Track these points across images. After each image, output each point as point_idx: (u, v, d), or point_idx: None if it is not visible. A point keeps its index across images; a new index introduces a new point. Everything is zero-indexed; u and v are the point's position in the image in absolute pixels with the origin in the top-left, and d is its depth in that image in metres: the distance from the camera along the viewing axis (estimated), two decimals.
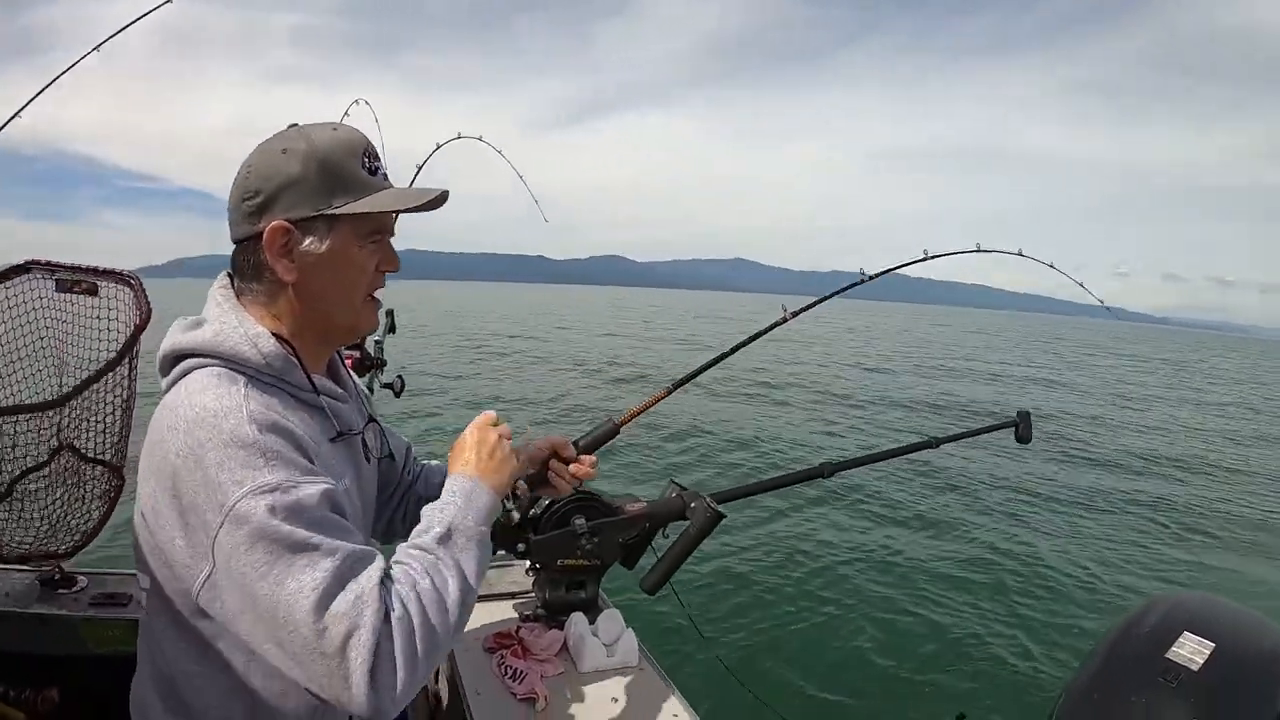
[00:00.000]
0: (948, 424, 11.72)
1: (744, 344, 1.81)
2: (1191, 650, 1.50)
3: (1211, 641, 1.51)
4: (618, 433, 1.44)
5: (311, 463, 0.92)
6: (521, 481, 1.29)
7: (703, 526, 1.66)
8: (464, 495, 1.03)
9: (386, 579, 0.88)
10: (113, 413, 1.69)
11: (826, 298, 1.93)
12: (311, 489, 0.87)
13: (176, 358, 0.97)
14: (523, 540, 1.65)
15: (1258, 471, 10.45)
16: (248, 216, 0.98)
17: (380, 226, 1.03)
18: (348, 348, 2.00)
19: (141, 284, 1.61)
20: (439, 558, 0.94)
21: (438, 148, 2.52)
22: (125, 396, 1.68)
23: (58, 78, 2.06)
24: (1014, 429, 2.29)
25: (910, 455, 2.11)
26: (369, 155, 1.01)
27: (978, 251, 1.99)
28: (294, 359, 1.00)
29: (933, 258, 1.91)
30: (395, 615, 0.84)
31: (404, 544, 0.97)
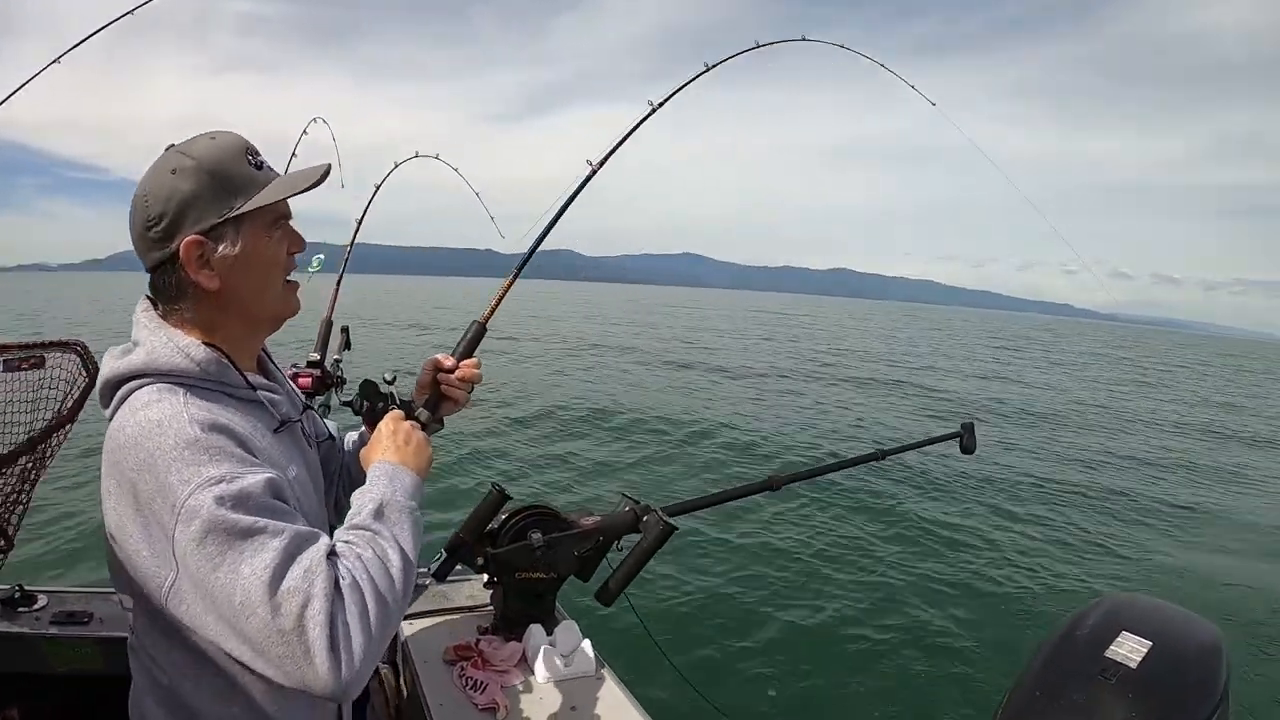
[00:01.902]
0: (894, 430, 11.91)
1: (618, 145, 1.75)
2: (1129, 649, 1.58)
3: (1149, 640, 1.59)
4: (485, 331, 1.45)
5: (255, 456, 0.97)
6: (423, 409, 1.33)
7: (655, 539, 1.73)
8: (388, 477, 1.09)
9: (333, 554, 0.93)
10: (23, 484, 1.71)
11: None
12: (255, 478, 0.91)
13: (115, 385, 1.01)
14: (481, 554, 1.71)
15: (1201, 465, 10.97)
16: (157, 242, 1.01)
17: (281, 213, 1.09)
18: (306, 366, 2.04)
19: (86, 347, 1.63)
20: (376, 531, 1.00)
21: (395, 166, 2.55)
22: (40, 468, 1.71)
23: (22, 86, 2.04)
24: (959, 440, 2.40)
25: (858, 466, 2.21)
26: (250, 153, 1.06)
27: (756, 47, 2.03)
28: (226, 361, 1.04)
29: (714, 66, 1.94)
30: (345, 583, 0.89)
31: (339, 529, 1.03)
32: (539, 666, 1.63)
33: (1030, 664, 1.74)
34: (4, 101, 2.07)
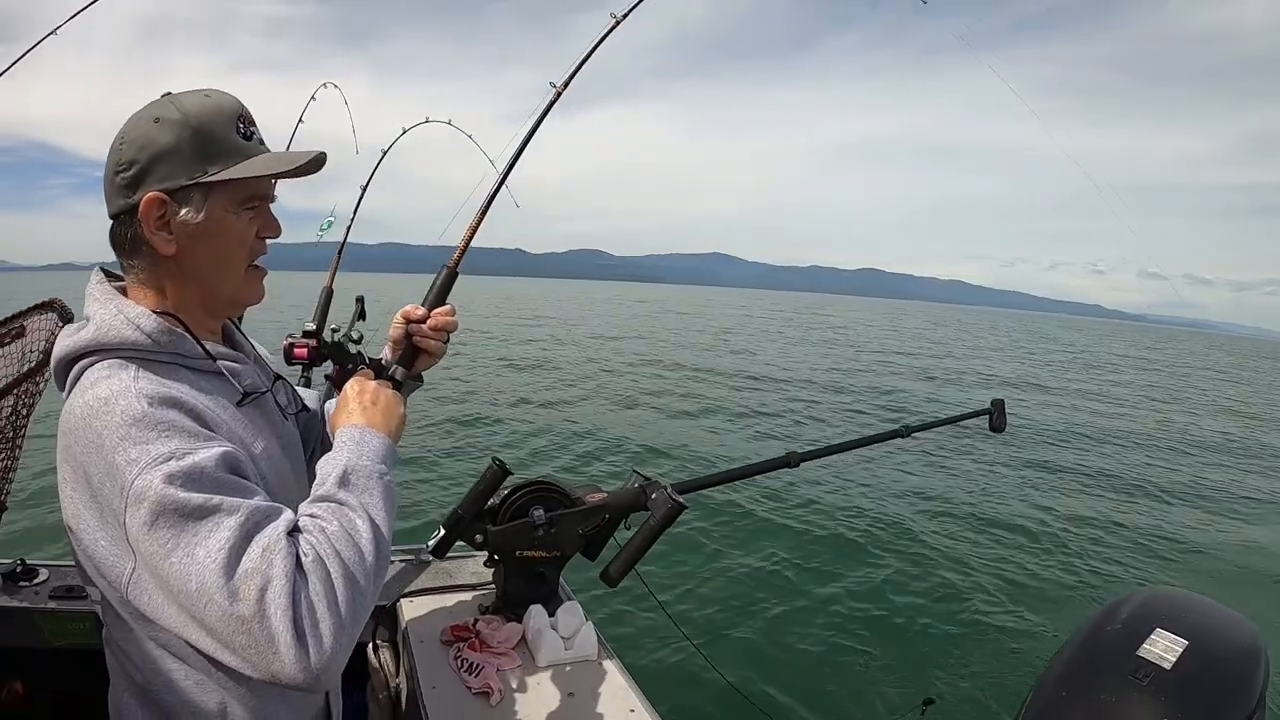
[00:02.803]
0: (920, 413, 11.68)
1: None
2: (1163, 648, 1.48)
3: (1184, 639, 1.50)
4: (456, 276, 1.36)
5: (212, 430, 0.90)
6: (397, 367, 1.25)
7: (663, 518, 1.64)
8: (354, 441, 1.00)
9: (295, 531, 0.86)
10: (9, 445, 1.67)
11: None
12: (208, 452, 0.84)
13: (67, 364, 0.95)
14: (481, 531, 1.64)
15: (1236, 464, 10.44)
16: (122, 189, 0.95)
17: (257, 192, 1.01)
18: (301, 336, 1.97)
19: (63, 303, 1.58)
20: (341, 501, 0.92)
21: (404, 132, 2.46)
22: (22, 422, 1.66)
23: (15, 62, 2.01)
24: (988, 417, 2.26)
25: (881, 444, 2.09)
26: (244, 120, 0.99)
27: None
28: (181, 330, 0.98)
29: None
30: (308, 560, 0.82)
31: (303, 503, 0.94)
32: (538, 649, 1.55)
33: (1056, 659, 1.65)
34: (8, 69, 2.05)
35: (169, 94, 0.98)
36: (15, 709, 1.83)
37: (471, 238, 1.43)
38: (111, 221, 0.98)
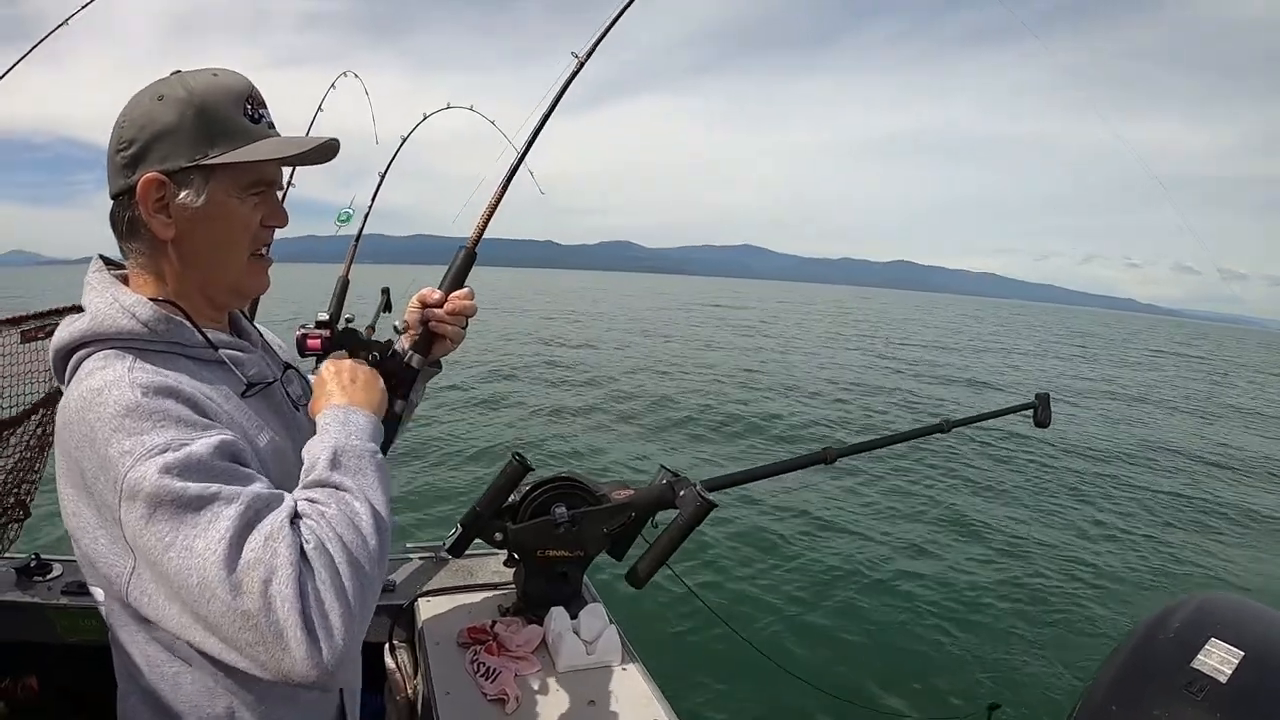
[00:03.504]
0: (959, 407, 11.44)
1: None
2: (1219, 659, 1.40)
3: (1240, 649, 1.42)
4: (474, 257, 1.31)
5: (211, 419, 0.86)
6: (414, 353, 1.21)
7: (692, 516, 1.56)
8: (339, 422, 0.95)
9: (297, 518, 0.81)
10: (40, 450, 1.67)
11: None
12: (204, 441, 0.80)
13: (65, 356, 0.92)
14: (500, 529, 1.57)
15: None
16: (121, 169, 0.91)
17: (263, 178, 0.96)
18: (315, 326, 1.91)
19: None
20: (336, 484, 0.86)
21: (425, 118, 2.40)
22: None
23: (30, 50, 2.00)
24: (1032, 412, 2.15)
25: (920, 439, 1.99)
26: (252, 101, 0.94)
27: None
28: (180, 317, 0.94)
29: None
30: (310, 547, 0.77)
31: (295, 490, 0.89)
32: (559, 653, 1.48)
33: (1106, 668, 1.57)
34: (26, 55, 2.05)
35: (178, 72, 0.94)
36: (30, 704, 1.80)
37: (490, 216, 1.38)
38: (112, 203, 0.94)
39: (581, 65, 1.49)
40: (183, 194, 0.90)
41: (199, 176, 0.91)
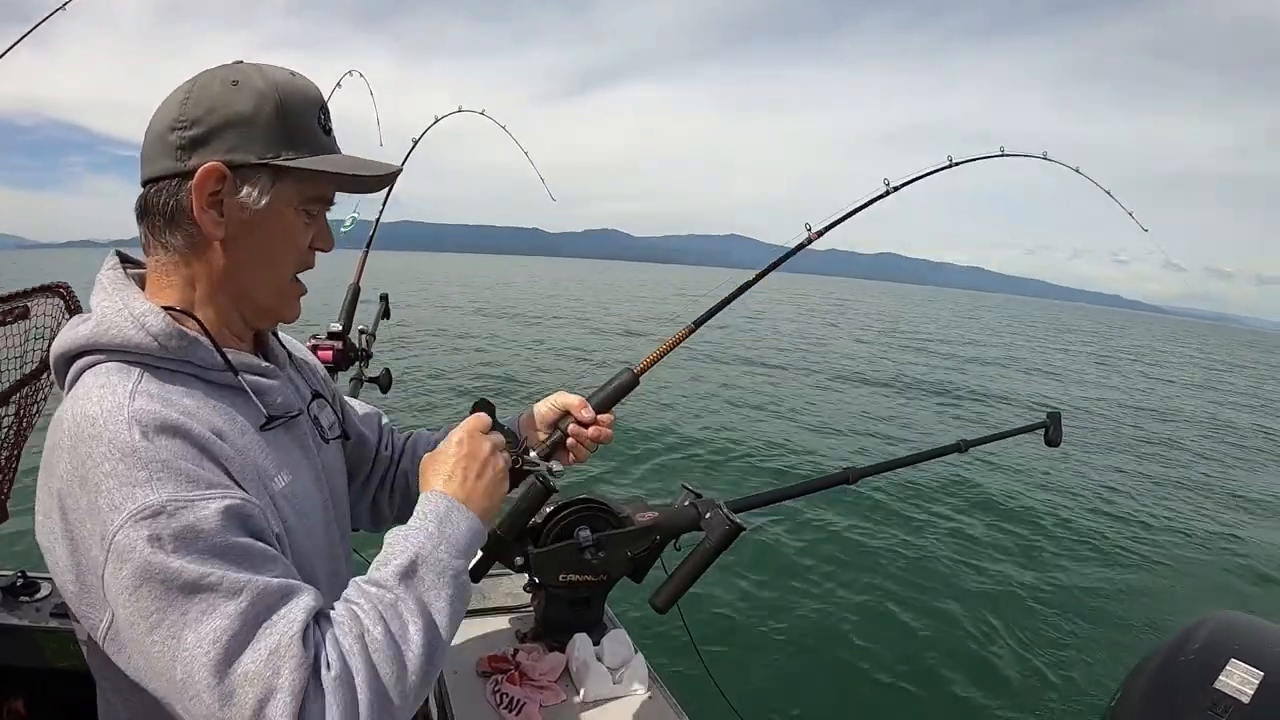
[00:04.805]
0: (972, 422, 11.44)
1: (771, 268, 1.58)
2: (1240, 680, 1.42)
3: (1260, 670, 1.43)
4: (637, 383, 1.25)
5: (222, 466, 0.75)
6: (537, 456, 1.13)
7: (720, 540, 1.51)
8: (438, 519, 0.85)
9: (319, 623, 0.71)
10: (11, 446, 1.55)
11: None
12: (207, 507, 0.69)
13: (67, 361, 0.82)
14: (522, 553, 1.51)
15: None
16: (175, 150, 0.80)
17: (323, 194, 0.89)
18: (326, 338, 1.84)
19: (70, 289, 1.45)
20: (399, 597, 0.76)
21: (436, 121, 2.35)
22: (23, 423, 1.53)
23: (23, 37, 1.90)
24: (1043, 431, 2.15)
25: (938, 459, 1.98)
26: (325, 113, 0.87)
27: (1002, 155, 1.79)
28: (198, 333, 0.83)
29: (957, 164, 1.70)
30: (331, 674, 0.67)
31: (357, 578, 0.80)
32: (584, 682, 1.43)
33: (1129, 690, 1.58)
34: (19, 42, 1.95)
35: (243, 61, 0.84)
36: None
37: (667, 351, 1.34)
38: (146, 187, 0.83)
39: (810, 241, 1.48)
40: (244, 191, 0.81)
41: (266, 177, 0.82)
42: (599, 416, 1.17)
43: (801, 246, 1.48)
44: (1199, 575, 5.90)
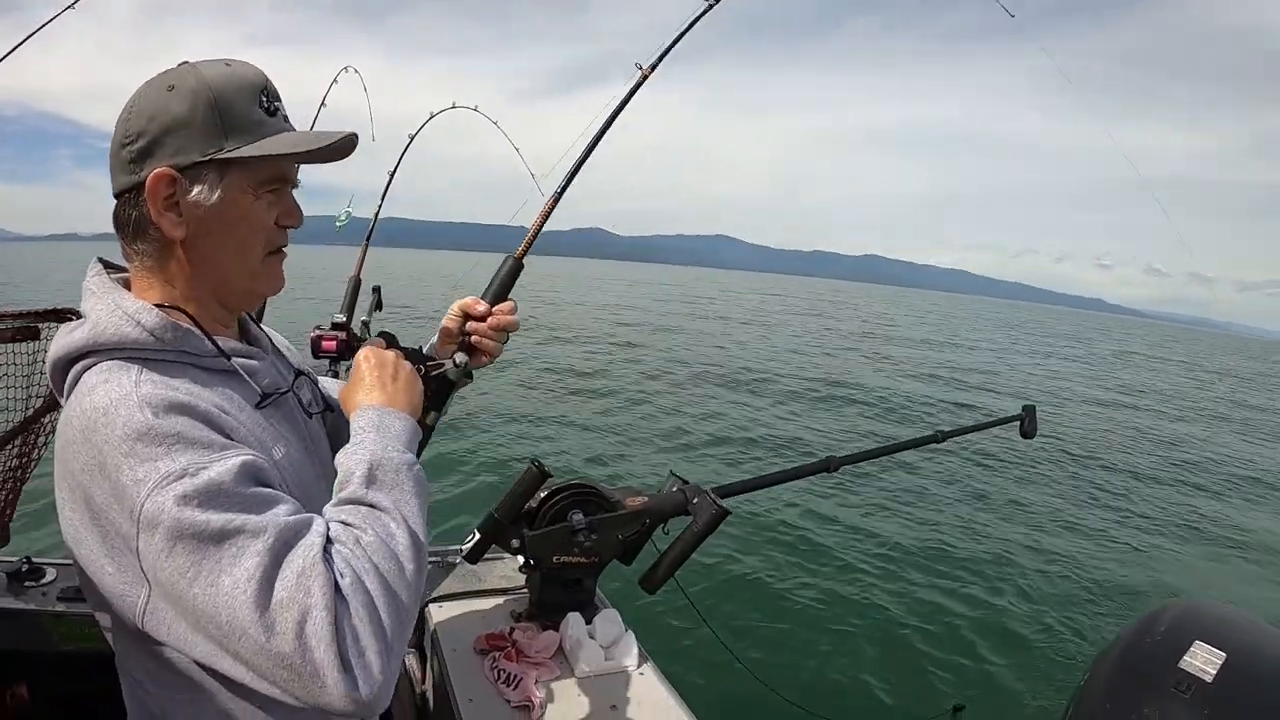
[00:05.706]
0: (951, 414, 11.62)
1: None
2: (1203, 660, 1.47)
3: (1223, 651, 1.49)
4: (522, 267, 1.28)
5: (228, 436, 0.81)
6: (451, 363, 1.16)
7: (707, 523, 1.59)
8: (375, 428, 0.90)
9: (330, 545, 0.77)
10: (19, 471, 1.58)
11: None
12: (224, 465, 0.75)
13: (63, 368, 0.85)
14: (517, 536, 1.58)
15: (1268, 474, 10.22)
16: (127, 164, 0.84)
17: (279, 174, 0.91)
18: (330, 328, 1.89)
19: (80, 315, 1.47)
20: (372, 504, 0.83)
21: (431, 117, 2.38)
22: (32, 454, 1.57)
23: (29, 36, 1.92)
24: (1019, 424, 2.24)
25: (916, 449, 2.06)
26: (268, 94, 0.89)
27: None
28: (189, 325, 0.87)
29: None
30: (346, 582, 0.74)
31: (328, 504, 0.85)
32: (577, 659, 1.50)
33: (1096, 670, 1.64)
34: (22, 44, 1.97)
35: (186, 62, 0.88)
36: (21, 713, 1.75)
37: (541, 225, 1.35)
38: (115, 201, 0.88)
39: (645, 77, 1.47)
40: (195, 190, 0.85)
41: (213, 172, 0.85)
42: (494, 308, 1.19)
43: (638, 87, 1.48)
44: (1168, 563, 6.07)
